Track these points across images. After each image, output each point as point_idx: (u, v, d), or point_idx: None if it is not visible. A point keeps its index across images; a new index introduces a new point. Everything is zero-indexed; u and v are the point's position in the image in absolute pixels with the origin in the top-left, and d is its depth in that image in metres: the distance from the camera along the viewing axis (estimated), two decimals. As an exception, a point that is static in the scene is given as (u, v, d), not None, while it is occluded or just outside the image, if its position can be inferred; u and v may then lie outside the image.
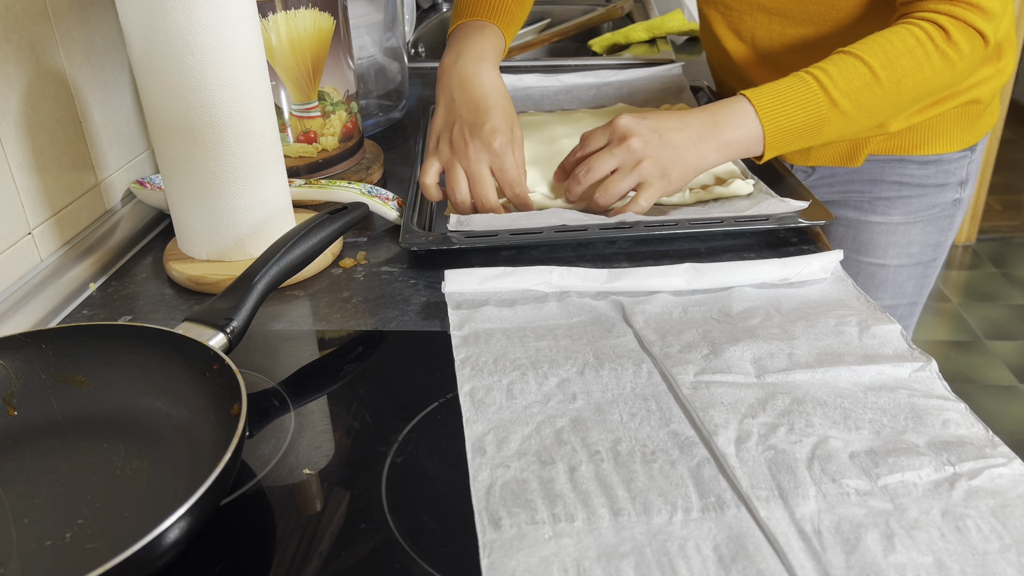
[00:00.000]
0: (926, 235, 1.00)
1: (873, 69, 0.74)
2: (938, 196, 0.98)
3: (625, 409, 0.54)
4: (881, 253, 1.02)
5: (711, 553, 0.43)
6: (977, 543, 0.42)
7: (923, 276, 1.04)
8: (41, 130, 0.72)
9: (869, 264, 1.03)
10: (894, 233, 1.00)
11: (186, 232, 0.73)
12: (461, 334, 0.62)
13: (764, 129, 0.75)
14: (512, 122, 0.80)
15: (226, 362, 0.51)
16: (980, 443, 0.49)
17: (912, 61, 0.74)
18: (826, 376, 0.56)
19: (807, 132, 0.75)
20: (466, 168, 0.78)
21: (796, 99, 0.75)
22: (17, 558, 0.44)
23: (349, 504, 0.49)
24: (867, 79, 0.74)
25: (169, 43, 0.63)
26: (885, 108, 0.76)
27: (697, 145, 0.75)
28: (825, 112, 0.74)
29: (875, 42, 0.75)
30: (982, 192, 2.80)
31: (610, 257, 0.75)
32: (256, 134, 0.69)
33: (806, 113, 0.74)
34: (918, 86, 0.75)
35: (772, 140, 0.75)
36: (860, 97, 0.74)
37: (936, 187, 0.97)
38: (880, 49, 0.74)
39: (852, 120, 0.75)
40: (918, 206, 0.98)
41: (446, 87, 0.83)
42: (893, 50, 0.74)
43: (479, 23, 0.87)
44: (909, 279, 1.04)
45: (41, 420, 0.53)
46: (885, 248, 1.01)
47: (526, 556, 0.42)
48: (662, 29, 1.48)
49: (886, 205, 0.99)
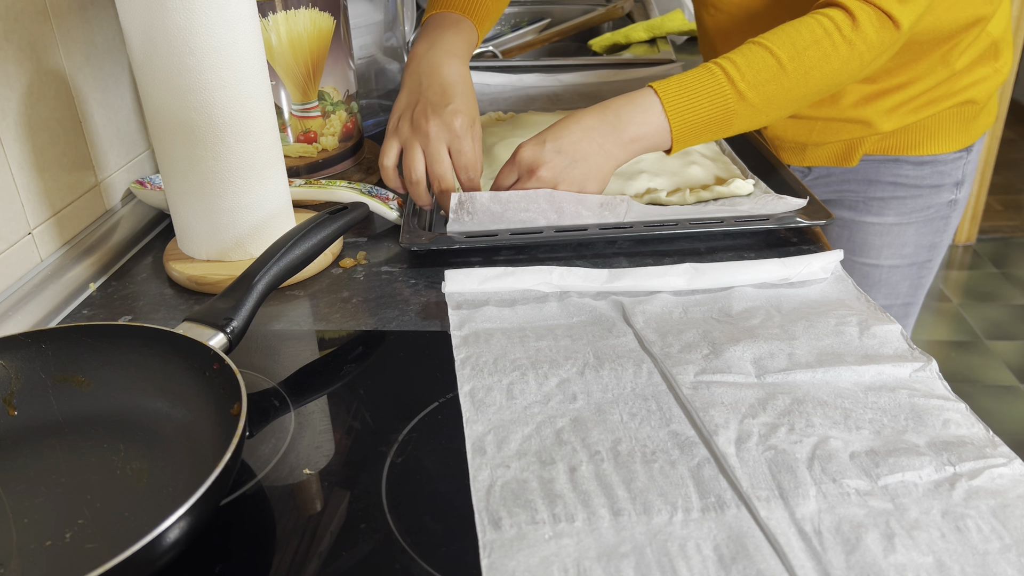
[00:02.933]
0: (920, 236, 1.00)
1: (781, 61, 0.73)
2: (933, 197, 0.98)
3: (625, 409, 0.54)
4: (875, 253, 1.02)
5: (711, 553, 0.43)
6: (977, 543, 0.42)
7: (918, 277, 1.04)
8: (41, 130, 0.72)
9: (863, 264, 1.03)
10: (888, 234, 1.00)
11: (186, 232, 0.73)
12: (461, 334, 0.62)
13: (671, 123, 0.74)
14: (476, 114, 0.81)
15: (226, 362, 0.51)
16: (980, 443, 0.49)
17: (819, 52, 0.73)
18: (826, 376, 0.56)
19: (715, 125, 0.75)
20: (424, 147, 0.78)
21: (703, 92, 0.74)
22: (17, 558, 0.44)
23: (349, 504, 0.49)
24: (775, 71, 0.73)
25: (169, 43, 0.63)
26: (793, 100, 0.76)
27: (603, 147, 0.75)
28: (732, 105, 0.74)
29: (784, 32, 0.75)
30: (982, 192, 2.80)
31: (610, 257, 0.75)
32: (256, 134, 0.69)
33: (713, 106, 0.74)
34: (825, 77, 0.75)
35: (679, 134, 0.75)
36: (767, 89, 0.74)
37: (931, 188, 0.97)
38: (789, 40, 0.74)
39: (760, 112, 0.75)
40: (913, 207, 0.98)
41: (414, 72, 0.82)
42: (801, 40, 0.74)
43: (454, 16, 0.87)
44: (903, 280, 1.04)
45: (41, 420, 0.53)
46: (879, 248, 1.01)
47: (526, 556, 0.42)
48: (662, 29, 1.48)
49: (880, 205, 0.99)
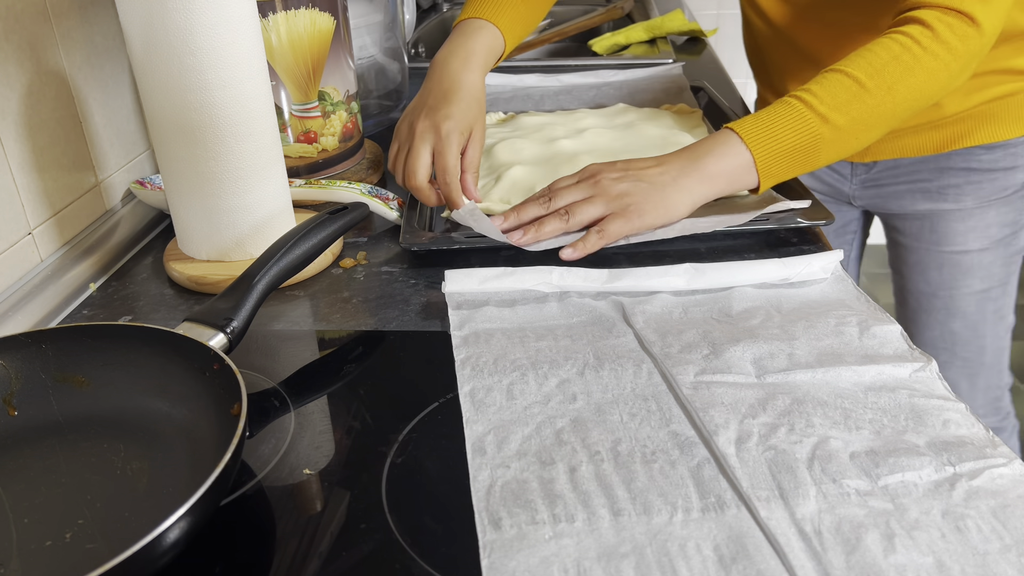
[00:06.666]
0: (1002, 215, 0.99)
1: (859, 80, 0.71)
2: (1008, 178, 0.97)
3: (625, 409, 0.54)
4: (961, 240, 1.00)
5: (711, 553, 0.43)
6: (977, 543, 0.42)
7: (1008, 255, 1.03)
8: (41, 130, 0.72)
9: (952, 253, 1.01)
10: (971, 218, 0.98)
11: (186, 232, 0.73)
12: (461, 334, 0.62)
13: (754, 155, 0.71)
14: (474, 121, 0.80)
15: (226, 362, 0.51)
16: (980, 443, 0.49)
17: (900, 67, 0.71)
18: (826, 376, 0.56)
19: (801, 154, 0.72)
20: (410, 146, 0.79)
21: (783, 121, 0.71)
22: (17, 558, 0.44)
23: (349, 504, 0.49)
24: (854, 91, 0.71)
25: (169, 43, 0.63)
26: (881, 118, 0.73)
27: (678, 180, 0.72)
28: (817, 129, 0.71)
29: (859, 55, 0.73)
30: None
31: (610, 257, 0.75)
32: (256, 134, 0.69)
33: (796, 133, 0.71)
34: (912, 91, 0.72)
35: (764, 166, 0.72)
36: (850, 109, 0.71)
37: (1005, 170, 0.96)
38: (864, 61, 0.72)
39: (848, 134, 0.72)
40: (990, 190, 0.97)
41: (428, 78, 0.85)
42: (878, 60, 0.72)
43: (479, 22, 0.87)
44: (995, 260, 1.02)
45: (41, 420, 0.53)
46: (964, 234, 1.00)
47: (526, 556, 0.42)
48: (662, 29, 1.48)
49: (957, 192, 0.97)
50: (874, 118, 0.73)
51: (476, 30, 0.87)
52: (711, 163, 0.72)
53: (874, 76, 0.71)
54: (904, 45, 0.72)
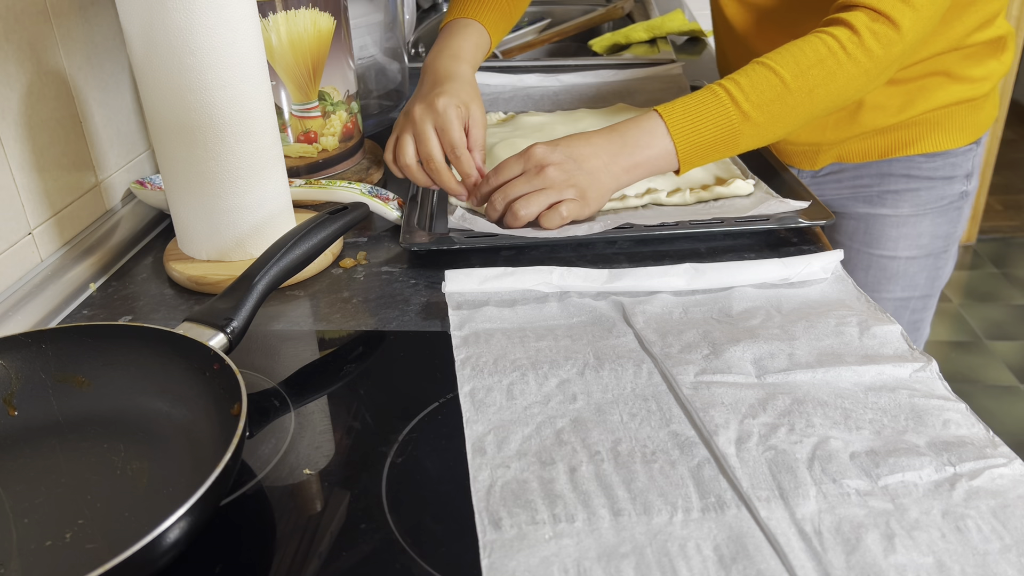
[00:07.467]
0: (936, 226, 1.01)
1: (784, 80, 0.74)
2: (946, 188, 0.98)
3: (625, 409, 0.54)
4: (892, 245, 1.02)
5: (711, 553, 0.43)
6: (978, 543, 0.42)
7: (935, 268, 1.04)
8: (41, 130, 0.72)
9: (880, 256, 1.03)
10: (904, 225, 1.01)
11: (186, 232, 0.73)
12: (461, 334, 0.62)
13: (676, 146, 0.76)
14: (469, 99, 0.83)
15: (226, 362, 0.51)
16: (981, 443, 0.49)
17: (824, 71, 0.74)
18: (826, 376, 0.56)
19: (720, 145, 0.76)
20: (412, 130, 0.81)
21: (708, 114, 0.75)
22: (17, 558, 0.44)
23: (349, 504, 0.48)
24: (778, 90, 0.74)
25: (169, 43, 0.63)
26: (797, 118, 0.77)
27: (609, 167, 0.76)
28: (737, 125, 0.75)
29: (788, 51, 0.75)
30: (983, 192, 2.80)
31: (610, 257, 0.75)
32: (256, 134, 0.69)
33: (718, 127, 0.75)
34: (831, 94, 0.76)
35: (685, 156, 0.76)
36: (772, 109, 0.75)
37: (944, 179, 0.98)
38: (792, 59, 0.75)
39: (766, 129, 0.76)
40: (927, 198, 0.99)
41: (422, 77, 0.88)
42: (805, 60, 0.74)
43: (464, 21, 0.91)
44: (921, 271, 1.04)
45: (41, 420, 0.53)
46: (896, 240, 1.02)
47: (526, 556, 0.42)
48: (662, 29, 1.48)
49: (895, 198, 1.00)
50: (791, 117, 0.76)
51: (462, 28, 0.90)
52: (637, 152, 0.76)
53: (798, 77, 0.74)
54: (831, 48, 0.74)
